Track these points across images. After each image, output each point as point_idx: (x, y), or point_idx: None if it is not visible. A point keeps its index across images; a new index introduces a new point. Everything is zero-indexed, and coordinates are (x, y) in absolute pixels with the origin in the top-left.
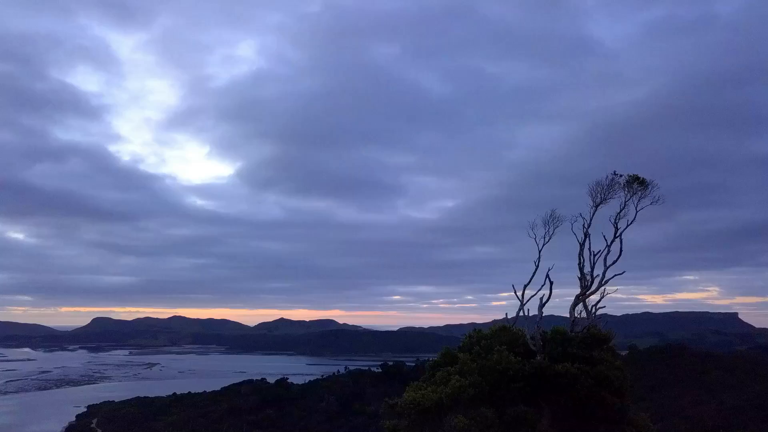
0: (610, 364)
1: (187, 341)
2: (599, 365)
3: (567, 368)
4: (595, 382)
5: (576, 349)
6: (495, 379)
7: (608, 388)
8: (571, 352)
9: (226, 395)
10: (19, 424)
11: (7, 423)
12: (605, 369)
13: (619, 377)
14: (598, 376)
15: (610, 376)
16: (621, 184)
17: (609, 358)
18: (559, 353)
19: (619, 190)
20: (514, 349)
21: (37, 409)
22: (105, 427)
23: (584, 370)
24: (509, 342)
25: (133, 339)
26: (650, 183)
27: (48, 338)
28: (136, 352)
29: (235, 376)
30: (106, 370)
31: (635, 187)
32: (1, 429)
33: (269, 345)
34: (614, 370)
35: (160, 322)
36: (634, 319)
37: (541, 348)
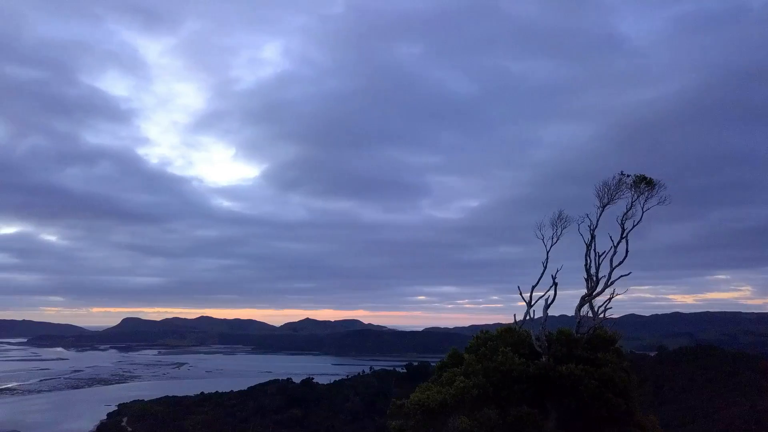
0: (614, 366)
1: (214, 341)
2: (604, 367)
3: (571, 369)
4: (600, 383)
5: (581, 350)
6: (499, 380)
7: (613, 390)
8: (576, 354)
9: (253, 395)
10: (53, 422)
11: (42, 421)
12: (610, 370)
13: (624, 379)
14: (603, 378)
15: (615, 378)
16: (628, 184)
17: (614, 360)
18: (563, 354)
19: (626, 190)
20: (520, 350)
21: (70, 407)
22: (135, 426)
23: (589, 372)
24: (515, 343)
25: (162, 339)
26: (657, 183)
27: (80, 338)
28: (164, 351)
29: (262, 376)
30: (135, 369)
31: (642, 187)
32: (37, 427)
33: (295, 345)
34: (619, 372)
35: (188, 323)
36: (664, 320)
37: (546, 349)
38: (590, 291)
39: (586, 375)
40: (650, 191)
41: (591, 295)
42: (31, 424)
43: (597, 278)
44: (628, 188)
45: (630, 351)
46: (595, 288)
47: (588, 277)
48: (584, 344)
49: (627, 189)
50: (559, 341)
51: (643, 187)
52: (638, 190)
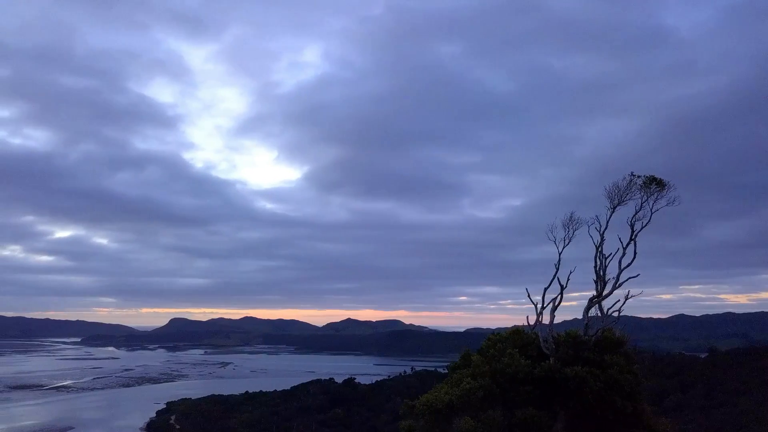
0: (621, 368)
1: (258, 341)
2: (610, 369)
3: (576, 372)
4: (605, 385)
5: (588, 352)
6: (506, 381)
7: (619, 392)
8: (583, 356)
9: (296, 394)
10: (107, 419)
11: (97, 417)
12: (616, 373)
13: (631, 381)
14: (609, 380)
15: (621, 380)
16: (638, 185)
17: (621, 362)
18: (570, 357)
19: (637, 191)
20: (528, 352)
21: (122, 405)
22: (182, 423)
23: (594, 374)
24: (523, 345)
25: (208, 339)
26: (667, 184)
27: (130, 338)
28: (210, 351)
29: (305, 376)
30: (183, 368)
31: (653, 188)
32: (91, 423)
33: (337, 345)
34: (626, 374)
35: (233, 323)
36: (715, 320)
37: (553, 351)
38: (598, 293)
39: (591, 377)
40: (660, 192)
41: (599, 296)
42: (86, 421)
43: (605, 280)
44: (638, 189)
45: (679, 353)
46: (603, 290)
47: (597, 279)
48: (592, 346)
49: (637, 190)
50: (567, 343)
51: (654, 188)
52: (648, 192)
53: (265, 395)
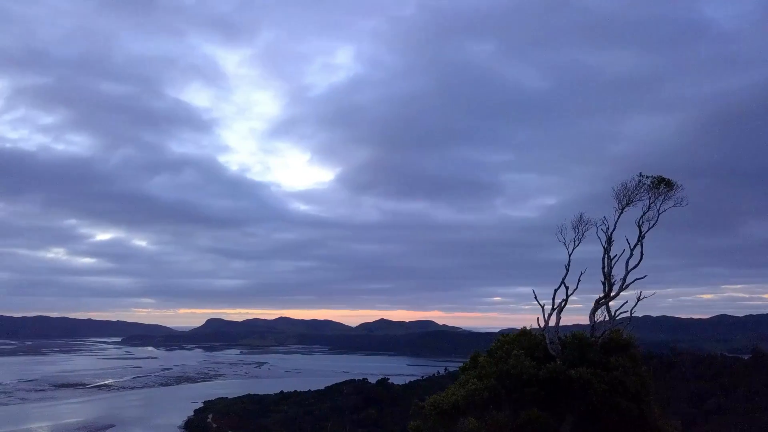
0: (626, 370)
1: (293, 341)
2: (615, 371)
3: (580, 373)
4: (610, 387)
5: (593, 354)
6: (511, 383)
7: (624, 394)
8: (588, 357)
9: (330, 394)
10: (147, 417)
11: (137, 416)
12: (621, 374)
13: (637, 383)
14: (613, 382)
15: (626, 382)
16: (647, 186)
17: (627, 364)
18: (576, 358)
19: (645, 192)
20: (535, 353)
21: (161, 404)
22: (219, 422)
23: (599, 376)
24: (531, 347)
25: (243, 339)
26: (675, 184)
27: (168, 338)
28: (246, 351)
29: (338, 376)
30: (219, 368)
31: (662, 188)
32: (131, 421)
33: (370, 345)
34: (631, 376)
35: (268, 323)
36: (759, 320)
37: (560, 352)
38: (605, 294)
39: (596, 379)
40: (668, 193)
41: (606, 298)
42: (127, 419)
43: (612, 281)
44: (646, 190)
45: (721, 354)
46: (610, 291)
47: (604, 280)
48: (598, 348)
49: (645, 191)
50: (572, 345)
51: (663, 189)
52: (656, 192)
53: (299, 395)
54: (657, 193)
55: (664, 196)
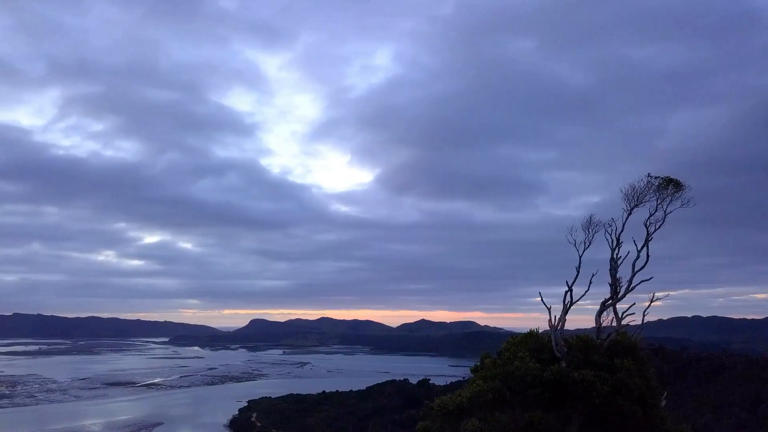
0: (630, 372)
1: (334, 342)
2: (619, 373)
3: (584, 375)
4: (613, 389)
5: (598, 356)
6: (516, 384)
7: (627, 397)
8: (593, 359)
9: (371, 395)
10: (193, 416)
11: (184, 414)
12: (624, 376)
13: (641, 385)
14: (616, 384)
15: (630, 384)
16: (655, 186)
17: (630, 366)
18: (580, 360)
19: (653, 193)
20: (540, 355)
21: (206, 403)
22: (263, 421)
23: (602, 378)
24: (537, 348)
25: (286, 339)
26: (683, 185)
27: (213, 338)
28: (288, 351)
29: (380, 377)
30: (263, 368)
31: (670, 189)
32: (178, 419)
33: (411, 346)
34: (635, 378)
35: (310, 323)
36: None
37: (565, 354)
38: (612, 296)
39: (599, 381)
40: (675, 194)
41: (613, 300)
42: (174, 417)
43: (619, 283)
44: (654, 191)
45: None
46: (617, 293)
47: (613, 282)
48: (604, 350)
49: (654, 192)
50: (578, 347)
51: (671, 190)
52: (665, 193)
53: (341, 395)
54: (665, 194)
55: (671, 197)
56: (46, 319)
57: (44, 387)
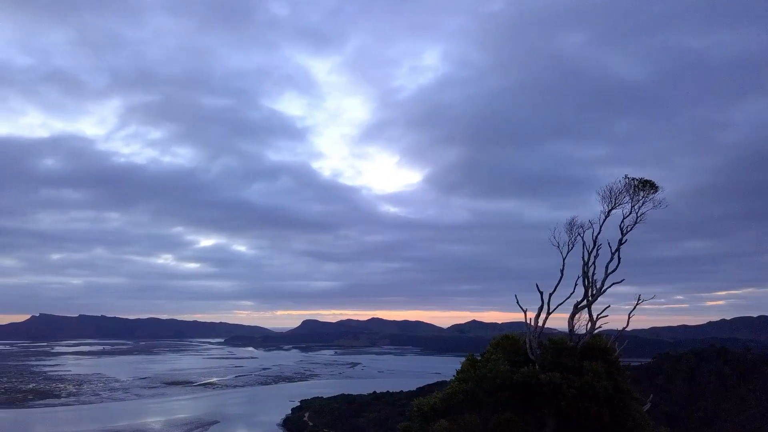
0: (597, 375)
1: (385, 342)
2: (586, 376)
3: (551, 377)
4: (579, 392)
5: (569, 359)
6: (489, 386)
7: (594, 399)
8: (563, 362)
9: (422, 395)
10: (248, 415)
11: (239, 413)
12: (591, 379)
13: (608, 388)
14: (583, 387)
15: (596, 387)
16: (633, 188)
17: (599, 369)
18: (551, 363)
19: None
20: (516, 357)
21: (260, 402)
22: (315, 421)
23: (570, 380)
24: (513, 351)
25: (337, 339)
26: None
27: (266, 338)
28: (340, 352)
29: (430, 377)
30: (315, 368)
31: (647, 190)
32: (234, 418)
33: (462, 346)
34: (603, 381)
35: (360, 324)
36: None
37: (538, 357)
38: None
39: (566, 383)
40: (647, 195)
41: (586, 302)
42: (230, 416)
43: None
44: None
45: None
46: (587, 296)
47: (587, 284)
48: (578, 353)
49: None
50: (550, 349)
51: (648, 191)
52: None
53: (391, 395)
54: (640, 196)
55: (644, 199)
56: (109, 320)
57: (108, 386)
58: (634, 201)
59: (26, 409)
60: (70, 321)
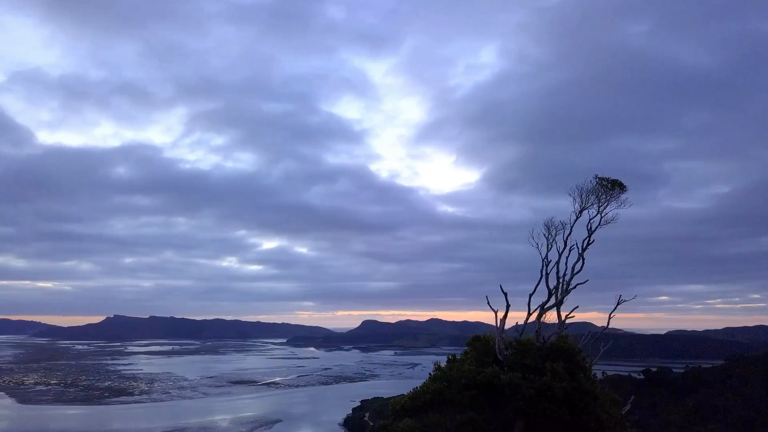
0: (557, 376)
1: (444, 343)
2: (545, 376)
3: (511, 378)
4: (537, 392)
5: (531, 359)
6: (456, 386)
7: (552, 400)
8: (525, 363)
9: None
10: (310, 414)
11: (301, 412)
12: (549, 380)
13: (567, 389)
14: (542, 387)
15: (554, 387)
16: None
17: (559, 370)
18: (515, 363)
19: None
20: (485, 358)
21: (322, 402)
22: (376, 421)
23: (530, 380)
24: (484, 351)
25: (397, 340)
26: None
27: (327, 339)
28: (399, 352)
29: None
30: (375, 368)
31: (616, 190)
32: (297, 417)
33: None
34: (563, 382)
35: (419, 324)
36: None
37: (506, 358)
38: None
39: (525, 383)
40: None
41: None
42: (293, 415)
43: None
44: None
45: None
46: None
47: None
48: (544, 354)
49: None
50: (515, 350)
51: (617, 191)
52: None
53: None
54: (608, 196)
55: (608, 200)
56: (178, 321)
57: (177, 384)
58: (601, 201)
59: (103, 406)
60: (142, 322)
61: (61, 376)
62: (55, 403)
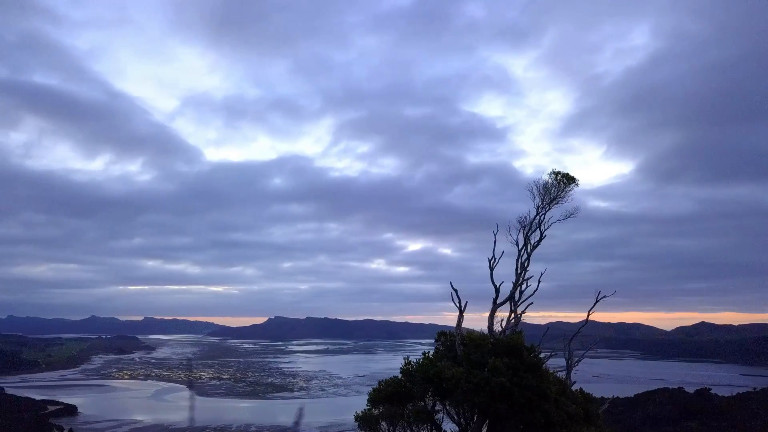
0: (494, 370)
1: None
2: (483, 372)
3: (453, 373)
4: (474, 387)
5: (478, 355)
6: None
7: (488, 395)
8: (472, 358)
9: (640, 403)
10: None
11: None
12: (488, 375)
13: (504, 384)
14: (479, 382)
15: (492, 383)
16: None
17: (498, 365)
18: (464, 359)
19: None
20: (448, 354)
21: None
22: None
23: (472, 375)
24: (448, 347)
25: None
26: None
27: None
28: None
29: (650, 383)
30: None
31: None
32: None
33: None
34: (500, 378)
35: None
36: None
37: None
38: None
39: (464, 378)
40: (562, 190)
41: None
42: None
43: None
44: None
45: None
46: (498, 294)
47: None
48: (490, 350)
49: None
50: (469, 346)
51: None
52: (554, 190)
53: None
54: (553, 192)
55: (557, 195)
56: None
57: (332, 382)
58: (551, 195)
59: (267, 400)
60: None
61: (231, 372)
62: (226, 396)
